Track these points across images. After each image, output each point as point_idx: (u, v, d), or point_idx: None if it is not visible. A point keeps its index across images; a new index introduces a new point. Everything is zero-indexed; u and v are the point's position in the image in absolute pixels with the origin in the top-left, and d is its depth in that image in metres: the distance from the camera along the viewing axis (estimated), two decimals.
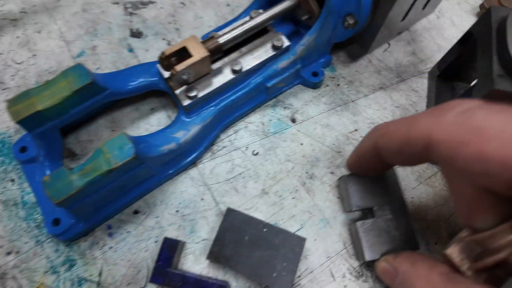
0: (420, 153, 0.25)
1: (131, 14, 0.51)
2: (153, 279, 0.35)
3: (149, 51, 0.48)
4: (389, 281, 0.32)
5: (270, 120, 0.44)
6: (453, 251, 0.27)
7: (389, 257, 0.33)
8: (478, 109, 0.22)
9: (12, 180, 0.41)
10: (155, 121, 0.44)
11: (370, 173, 0.37)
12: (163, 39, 0.49)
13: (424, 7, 0.44)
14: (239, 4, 0.51)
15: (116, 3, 0.52)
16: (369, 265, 0.38)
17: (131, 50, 0.48)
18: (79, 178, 0.32)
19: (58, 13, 0.51)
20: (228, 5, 0.51)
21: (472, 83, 0.44)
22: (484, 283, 0.25)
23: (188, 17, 0.50)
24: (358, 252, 0.37)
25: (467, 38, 0.39)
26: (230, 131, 0.44)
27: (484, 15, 0.35)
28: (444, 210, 0.40)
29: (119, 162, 0.33)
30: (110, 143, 0.33)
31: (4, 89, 0.46)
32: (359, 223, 0.36)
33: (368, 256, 0.35)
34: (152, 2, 0.52)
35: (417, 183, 0.41)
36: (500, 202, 0.23)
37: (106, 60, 0.48)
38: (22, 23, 0.50)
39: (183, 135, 0.39)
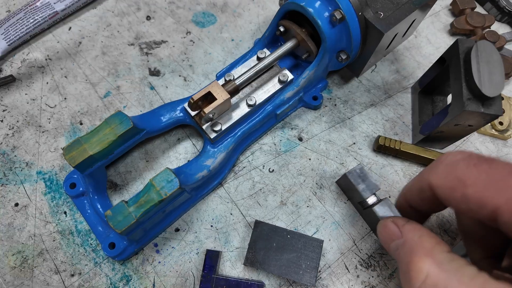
0: (432, 197, 0.32)
1: (147, 54, 0.57)
2: (202, 285, 0.42)
3: (169, 88, 0.55)
4: (387, 240, 0.33)
5: (281, 141, 0.52)
6: None
7: (399, 221, 0.33)
8: (461, 162, 0.29)
9: (65, 213, 0.48)
10: (182, 150, 0.51)
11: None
12: (180, 75, 0.56)
13: (404, 35, 0.52)
14: (241, 38, 0.58)
15: (132, 44, 0.58)
16: (375, 257, 0.46)
17: (152, 88, 0.55)
18: (136, 210, 0.39)
19: (80, 57, 0.57)
20: (232, 40, 0.58)
21: (448, 97, 0.52)
22: None
23: (198, 54, 0.57)
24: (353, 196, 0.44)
25: (441, 61, 0.47)
26: (248, 153, 0.51)
27: (453, 45, 0.43)
28: None
29: (168, 193, 0.39)
30: (158, 178, 0.40)
31: (43, 131, 0.52)
32: (348, 172, 0.43)
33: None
34: (164, 42, 0.58)
35: None
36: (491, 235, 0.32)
37: (131, 99, 0.54)
38: (49, 70, 0.56)
39: (211, 162, 0.46)
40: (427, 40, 0.59)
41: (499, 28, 0.60)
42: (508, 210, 0.26)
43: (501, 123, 0.51)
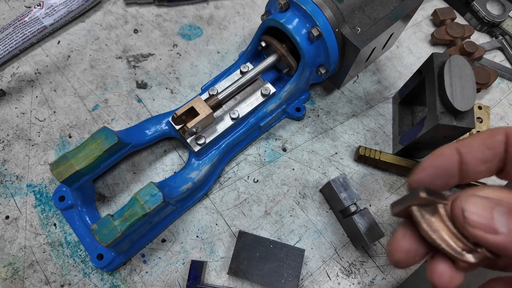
0: (501, 143, 0.29)
1: (134, 67, 0.58)
2: None
3: (156, 100, 0.56)
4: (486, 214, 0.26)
5: (265, 151, 0.53)
6: None
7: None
8: None
9: (55, 225, 0.49)
10: (168, 162, 0.52)
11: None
12: (166, 88, 0.57)
13: (383, 48, 0.53)
14: (227, 50, 0.60)
15: (120, 57, 0.59)
16: (356, 264, 0.47)
17: (139, 100, 0.56)
18: (121, 223, 0.41)
19: (69, 71, 0.58)
20: (218, 52, 0.60)
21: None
22: None
23: (185, 66, 0.58)
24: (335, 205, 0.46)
25: (420, 72, 0.48)
26: (233, 164, 0.52)
27: (429, 59, 0.45)
28: None
29: (151, 207, 0.41)
30: (142, 192, 0.41)
31: (33, 145, 0.53)
32: (331, 180, 0.46)
33: (369, 242, 0.43)
34: (151, 55, 0.59)
35: (389, 193, 0.51)
36: None
37: (119, 111, 0.55)
38: (39, 83, 0.57)
39: (196, 175, 0.47)
40: (408, 50, 0.60)
41: (479, 38, 0.62)
42: None
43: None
